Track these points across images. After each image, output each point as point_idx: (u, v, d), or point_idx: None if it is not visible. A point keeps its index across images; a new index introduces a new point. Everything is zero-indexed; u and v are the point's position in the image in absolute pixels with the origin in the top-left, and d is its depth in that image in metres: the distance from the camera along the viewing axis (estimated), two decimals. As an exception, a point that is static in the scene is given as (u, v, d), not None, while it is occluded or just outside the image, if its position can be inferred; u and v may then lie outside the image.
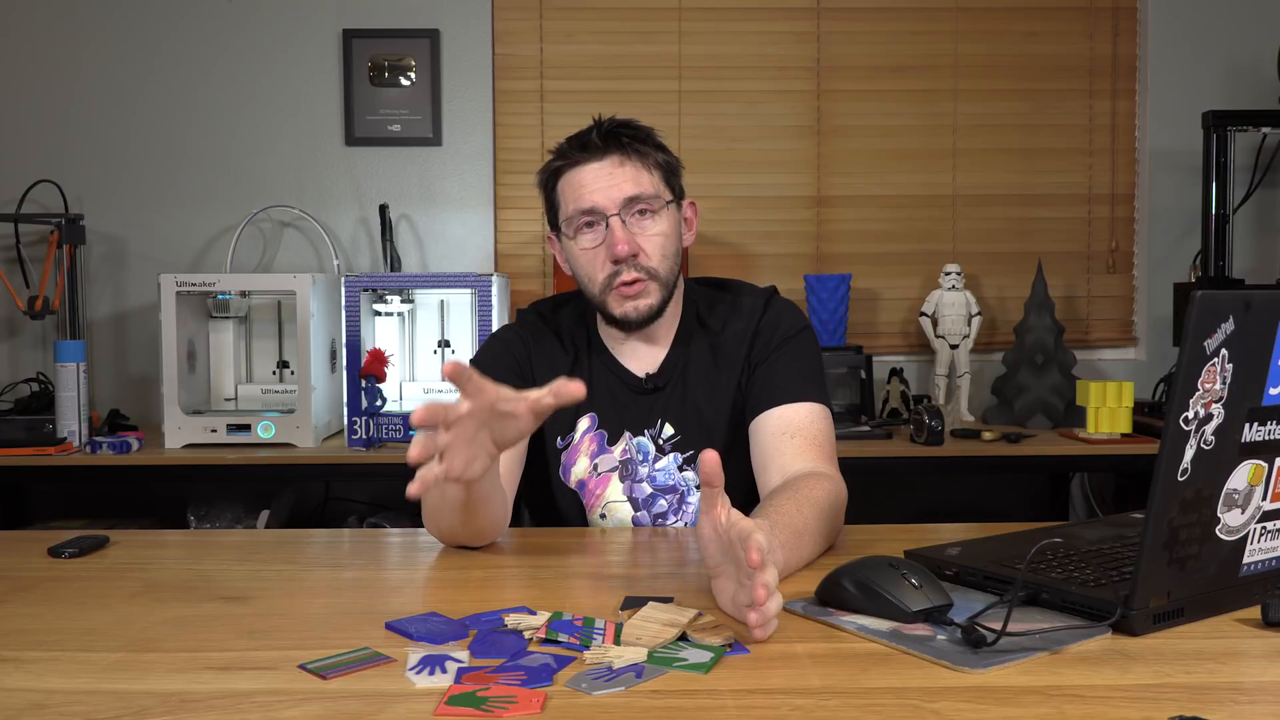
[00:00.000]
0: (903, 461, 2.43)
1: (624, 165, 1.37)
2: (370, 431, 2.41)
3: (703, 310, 1.48)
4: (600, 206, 1.36)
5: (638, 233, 1.37)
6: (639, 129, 1.40)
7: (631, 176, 1.36)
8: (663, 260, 1.38)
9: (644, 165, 1.38)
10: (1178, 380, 0.85)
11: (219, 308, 2.62)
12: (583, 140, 1.38)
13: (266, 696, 0.79)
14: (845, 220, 3.02)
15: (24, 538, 1.32)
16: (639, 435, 1.44)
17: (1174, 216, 3.01)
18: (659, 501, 1.42)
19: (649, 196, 1.37)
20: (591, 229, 1.38)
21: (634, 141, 1.38)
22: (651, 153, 1.40)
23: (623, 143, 1.37)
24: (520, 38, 2.98)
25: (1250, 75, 2.98)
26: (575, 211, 1.38)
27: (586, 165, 1.37)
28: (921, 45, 3.00)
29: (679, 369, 1.45)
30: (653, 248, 1.38)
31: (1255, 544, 0.96)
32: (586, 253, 1.39)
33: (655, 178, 1.39)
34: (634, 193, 1.36)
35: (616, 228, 1.35)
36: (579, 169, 1.38)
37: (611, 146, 1.37)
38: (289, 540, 1.38)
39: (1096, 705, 0.76)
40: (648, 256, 1.37)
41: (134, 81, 2.92)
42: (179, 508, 2.64)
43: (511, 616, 0.94)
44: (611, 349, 1.47)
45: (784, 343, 1.42)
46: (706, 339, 1.46)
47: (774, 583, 0.89)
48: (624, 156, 1.37)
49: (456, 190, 2.98)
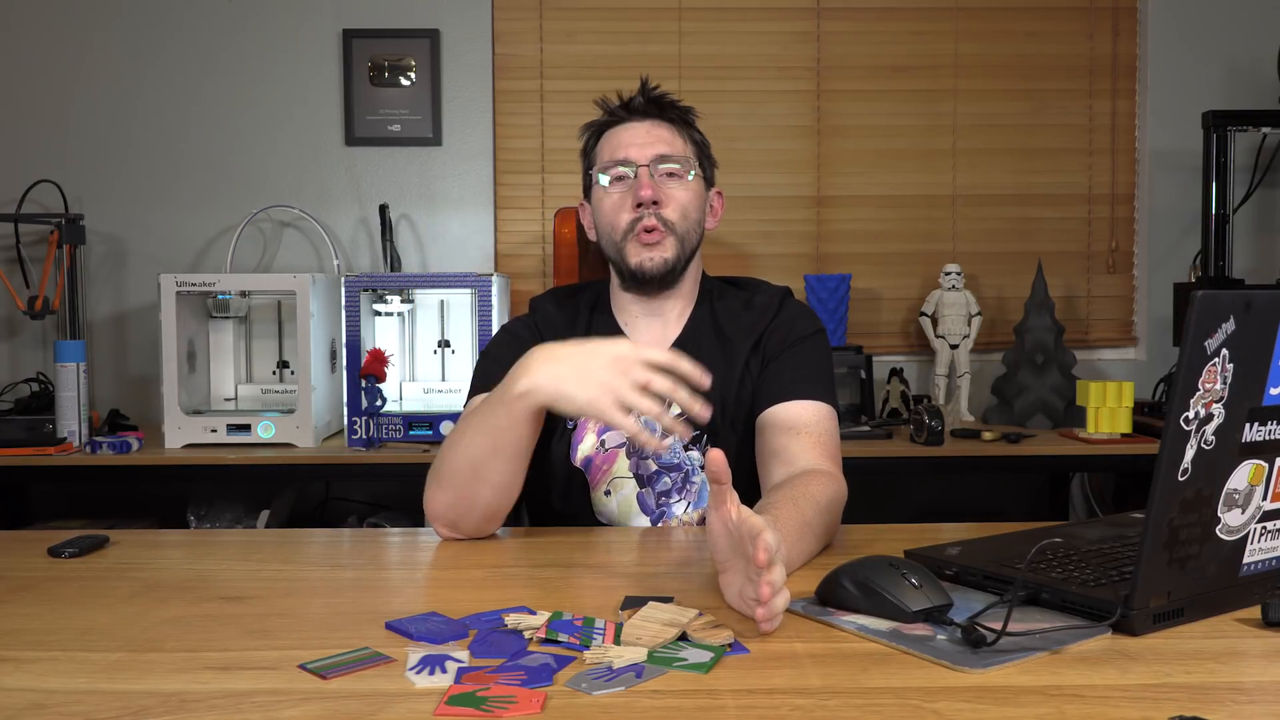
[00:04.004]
0: (903, 461, 2.43)
1: (660, 128, 1.46)
2: (370, 431, 2.41)
3: (716, 300, 1.52)
4: (633, 158, 1.43)
5: (663, 186, 1.44)
6: (682, 107, 1.50)
7: (667, 139, 1.45)
8: (683, 219, 1.44)
9: (679, 133, 1.47)
10: (1178, 380, 0.85)
11: (219, 308, 2.62)
12: (629, 102, 1.48)
13: (266, 696, 0.79)
14: (845, 220, 3.02)
15: (24, 538, 1.32)
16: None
17: (1174, 216, 3.01)
18: (663, 479, 1.43)
19: (679, 158, 1.45)
20: (620, 181, 1.45)
21: (676, 112, 1.48)
22: (689, 129, 1.49)
23: (664, 108, 1.47)
24: (520, 38, 2.98)
25: (1250, 75, 2.98)
26: (610, 161, 1.45)
27: (627, 124, 1.46)
28: (921, 45, 3.00)
29: (690, 350, 1.46)
30: (675, 203, 1.44)
31: (1255, 544, 0.96)
32: (613, 199, 1.45)
33: (688, 149, 1.47)
34: (666, 151, 1.44)
35: (644, 176, 1.43)
36: (620, 127, 1.46)
37: (653, 110, 1.46)
38: (289, 540, 1.38)
39: (1096, 705, 0.76)
40: (670, 208, 1.43)
41: (134, 81, 2.92)
42: (179, 508, 2.64)
43: (511, 616, 0.94)
44: (624, 327, 1.50)
45: (798, 342, 1.45)
46: (718, 326, 1.49)
47: (780, 580, 0.91)
48: (662, 121, 1.46)
49: (456, 190, 2.98)
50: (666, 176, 1.44)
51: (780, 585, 0.91)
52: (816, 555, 1.19)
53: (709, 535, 0.99)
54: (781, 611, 0.92)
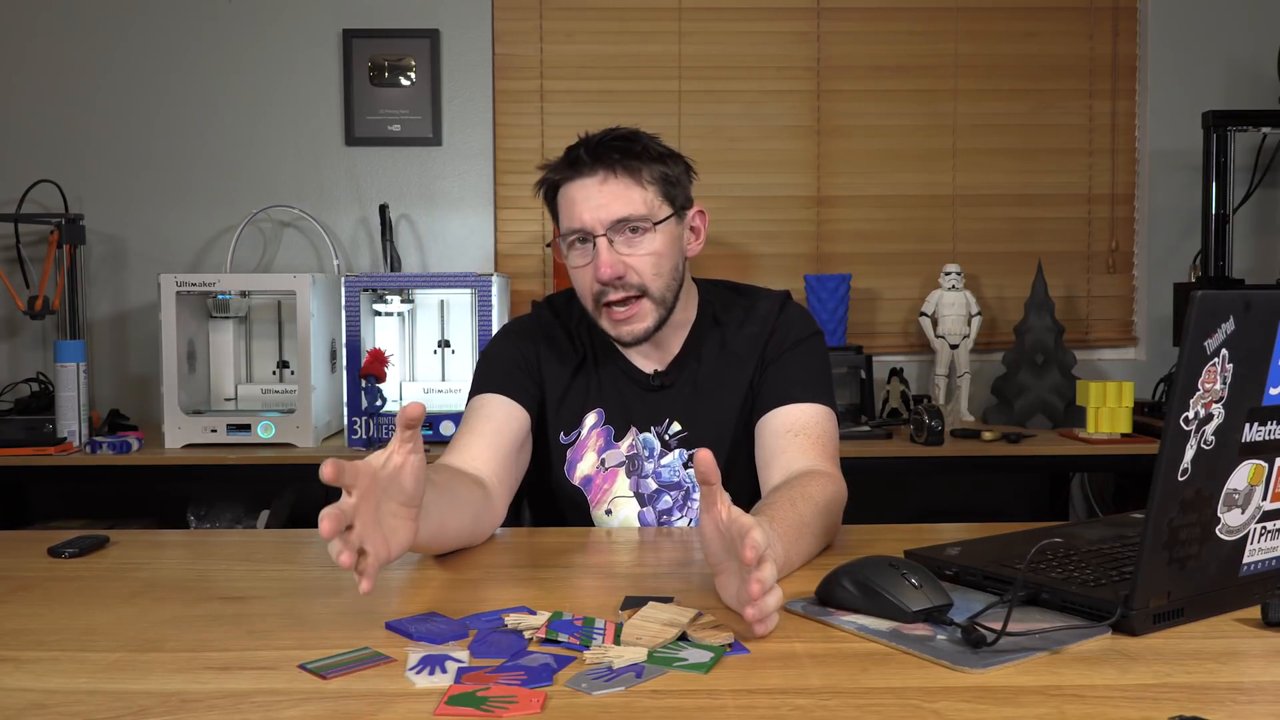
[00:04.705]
0: (903, 461, 2.43)
1: (611, 182, 1.34)
2: (370, 431, 2.41)
3: (718, 310, 1.48)
4: (588, 226, 1.34)
5: (628, 253, 1.35)
6: (633, 141, 1.36)
7: (621, 194, 1.34)
8: (655, 278, 1.36)
9: (635, 181, 1.35)
10: (1178, 380, 0.85)
11: (219, 308, 2.62)
12: (571, 156, 1.36)
13: (266, 696, 0.79)
14: (845, 220, 3.02)
15: (24, 538, 1.32)
16: (645, 431, 1.44)
17: (1174, 216, 3.01)
18: (664, 498, 1.43)
19: (638, 217, 1.34)
20: (583, 245, 1.36)
21: (625, 158, 1.35)
22: (645, 167, 1.36)
23: (613, 160, 1.34)
24: (520, 38, 2.98)
25: (1250, 75, 2.97)
26: (567, 229, 1.37)
27: (575, 181, 1.35)
28: (921, 45, 3.00)
29: (690, 367, 1.45)
30: (643, 266, 1.35)
31: (1255, 544, 0.96)
32: (577, 271, 1.38)
33: (650, 193, 1.36)
34: (623, 214, 1.33)
35: (603, 249, 1.33)
36: (569, 185, 1.36)
37: (600, 163, 1.34)
38: (289, 540, 1.38)
39: (1096, 705, 0.76)
40: (637, 274, 1.35)
41: (134, 82, 2.92)
42: (179, 508, 2.64)
43: (511, 616, 0.94)
44: (621, 346, 1.46)
45: (796, 344, 1.43)
46: (720, 339, 1.46)
47: (770, 579, 0.89)
48: (611, 174, 1.34)
49: (456, 190, 2.98)
50: (630, 234, 1.34)
51: (770, 583, 0.89)
52: (817, 555, 1.18)
53: (702, 538, 0.97)
54: (774, 610, 0.90)
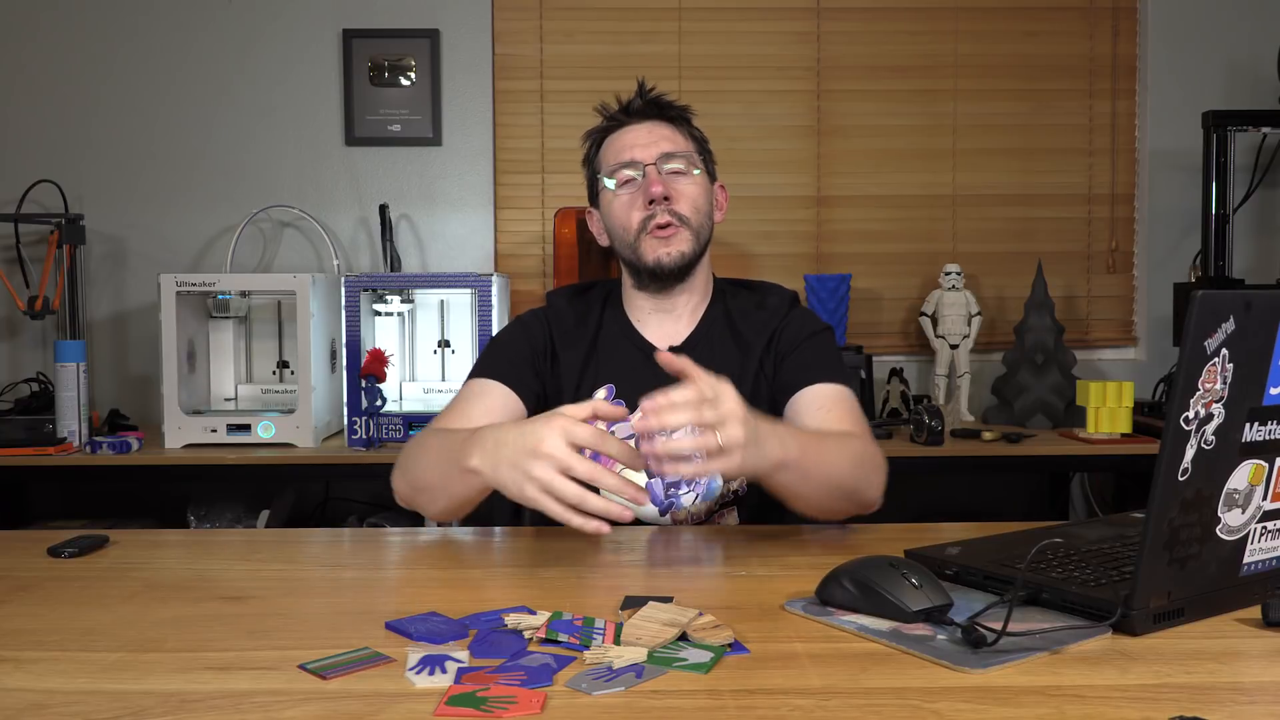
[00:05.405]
0: (902, 461, 2.39)
1: (659, 128, 1.48)
2: (370, 431, 2.41)
3: (729, 299, 1.54)
4: (638, 158, 1.46)
5: (674, 181, 1.46)
6: (679, 105, 1.53)
7: (669, 136, 1.48)
8: (695, 212, 1.46)
9: (680, 131, 1.50)
10: (1178, 380, 0.85)
11: (219, 308, 2.62)
12: (628, 105, 1.50)
13: (266, 696, 0.79)
14: (845, 220, 3.02)
15: (24, 538, 1.32)
16: None
17: (1174, 216, 3.01)
18: None
19: (684, 154, 1.47)
20: (629, 183, 1.47)
21: (671, 111, 1.51)
22: (687, 125, 1.52)
23: (663, 108, 1.50)
24: (520, 38, 2.98)
25: (1250, 75, 2.97)
26: (616, 164, 1.47)
27: (628, 127, 1.49)
28: (921, 45, 3.00)
29: (702, 345, 1.49)
30: (686, 197, 1.46)
31: (1255, 544, 0.96)
32: (622, 200, 1.47)
33: (691, 145, 1.50)
34: (670, 149, 1.47)
35: (652, 173, 1.45)
36: (622, 130, 1.49)
37: (653, 111, 1.49)
38: (289, 540, 1.38)
39: (1096, 705, 0.76)
40: (681, 203, 1.45)
41: (134, 82, 2.92)
42: (179, 508, 2.64)
43: (511, 616, 0.94)
44: (636, 324, 1.51)
45: (811, 336, 1.49)
46: (730, 323, 1.51)
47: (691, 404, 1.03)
48: (658, 123, 1.49)
49: (456, 190, 2.98)
50: (673, 174, 1.46)
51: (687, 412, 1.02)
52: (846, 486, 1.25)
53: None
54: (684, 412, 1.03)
